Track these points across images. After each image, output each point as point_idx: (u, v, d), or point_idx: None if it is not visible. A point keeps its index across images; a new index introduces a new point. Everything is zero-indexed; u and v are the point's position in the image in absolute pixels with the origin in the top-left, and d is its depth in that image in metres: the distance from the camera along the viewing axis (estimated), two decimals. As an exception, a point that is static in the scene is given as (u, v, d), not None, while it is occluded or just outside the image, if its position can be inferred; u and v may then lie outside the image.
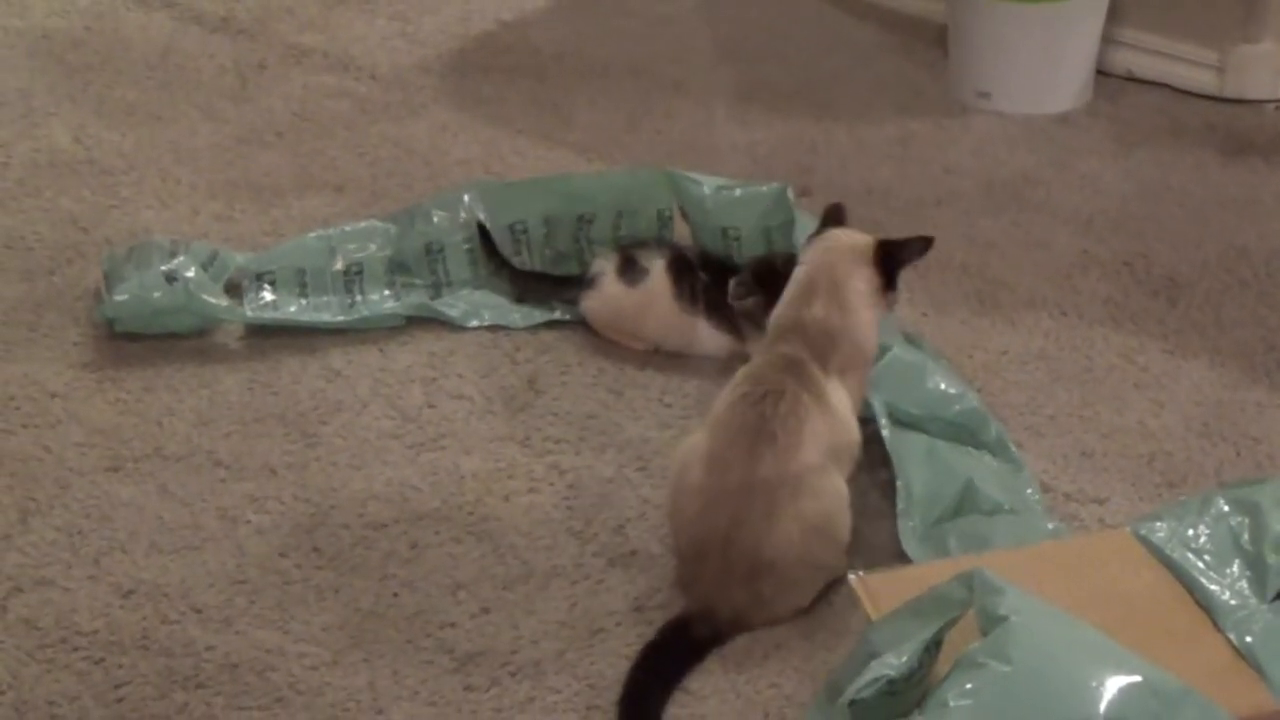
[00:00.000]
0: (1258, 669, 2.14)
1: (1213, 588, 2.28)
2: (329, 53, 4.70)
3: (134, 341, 3.45)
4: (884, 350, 3.06)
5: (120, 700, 2.64)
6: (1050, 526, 2.86)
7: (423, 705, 2.63)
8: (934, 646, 2.05)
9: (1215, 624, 2.24)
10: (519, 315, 3.57)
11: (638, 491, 3.07)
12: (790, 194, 3.46)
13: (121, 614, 2.80)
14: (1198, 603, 2.28)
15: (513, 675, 2.69)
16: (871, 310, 2.92)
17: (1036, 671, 1.92)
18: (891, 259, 2.94)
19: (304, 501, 3.04)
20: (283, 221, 3.87)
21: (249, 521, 3.00)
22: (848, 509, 2.77)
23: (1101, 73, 4.56)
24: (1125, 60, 4.59)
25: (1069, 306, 3.65)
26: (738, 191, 3.52)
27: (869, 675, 2.01)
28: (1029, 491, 3.01)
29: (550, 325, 3.53)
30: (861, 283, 2.91)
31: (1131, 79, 4.59)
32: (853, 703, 2.01)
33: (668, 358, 3.42)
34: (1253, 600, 2.25)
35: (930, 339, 3.39)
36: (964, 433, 3.08)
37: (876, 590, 2.41)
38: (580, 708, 2.63)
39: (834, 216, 3.05)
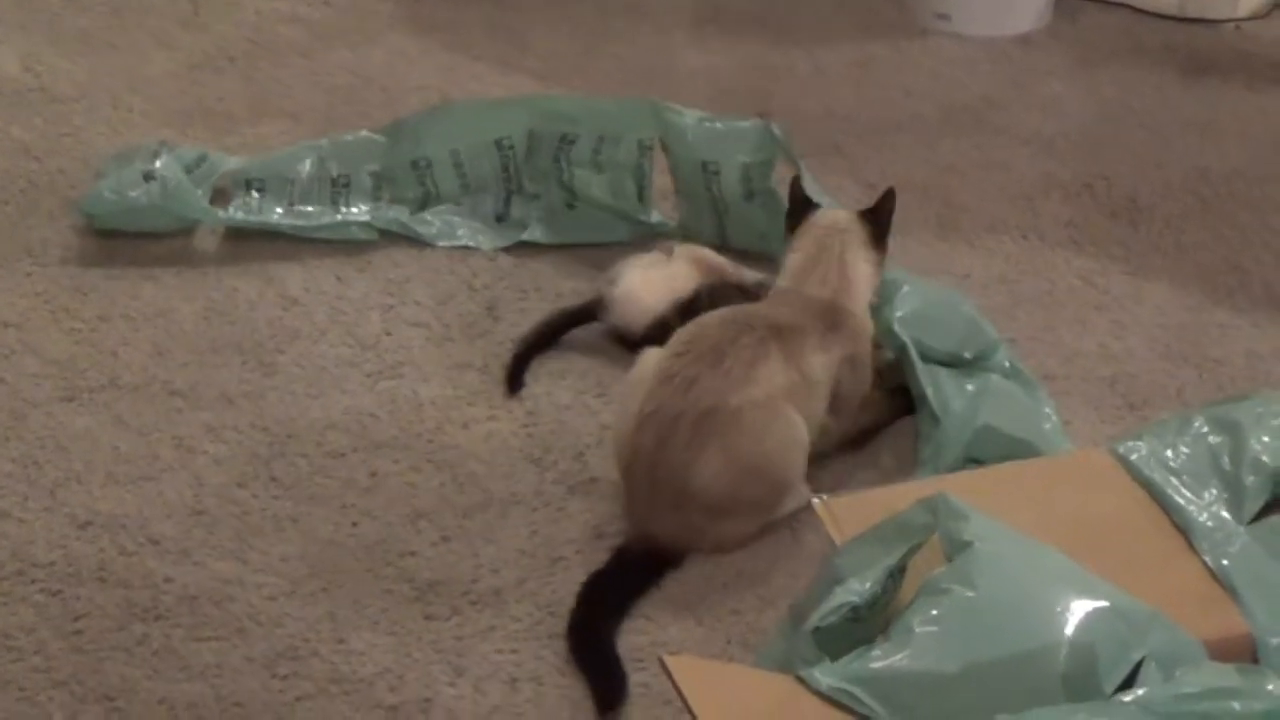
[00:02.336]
0: (1231, 591, 2.14)
1: (1190, 509, 2.27)
2: (282, -23, 4.66)
3: (88, 270, 3.42)
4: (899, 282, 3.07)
5: (78, 632, 2.62)
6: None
7: (383, 634, 2.62)
8: (898, 573, 2.04)
9: (1191, 546, 2.23)
10: (492, 236, 3.56)
11: (597, 418, 3.05)
12: (775, 130, 3.43)
13: (78, 545, 2.77)
14: (1174, 524, 2.27)
15: (473, 604, 2.67)
16: (871, 289, 2.95)
17: (1001, 597, 1.92)
18: (880, 227, 2.95)
19: (261, 431, 3.02)
20: (237, 149, 3.82)
21: (206, 451, 2.97)
22: (796, 455, 2.75)
23: (1062, -7, 4.55)
24: (1086, -20, 4.58)
25: (1030, 229, 3.63)
26: (719, 125, 3.49)
27: (833, 602, 2.00)
28: (1048, 411, 2.99)
29: (509, 250, 3.50)
30: (866, 264, 2.93)
31: None
32: (816, 629, 2.00)
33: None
34: (1230, 522, 2.24)
35: (892, 263, 3.36)
36: (980, 360, 3.08)
37: (841, 514, 2.39)
38: (541, 635, 2.61)
39: (798, 194, 3.03)
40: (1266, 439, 2.34)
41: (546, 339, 3.26)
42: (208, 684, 2.53)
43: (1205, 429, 2.39)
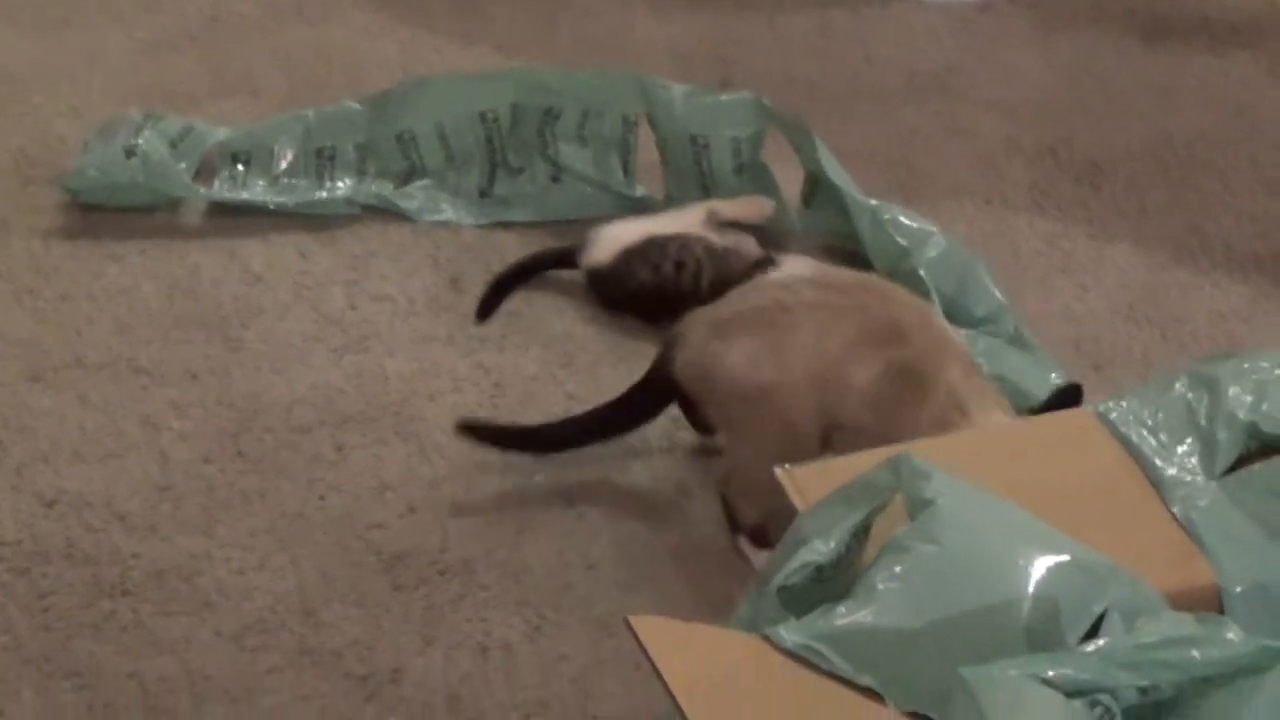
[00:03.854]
0: (1199, 543, 2.14)
1: (1161, 464, 2.27)
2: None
3: (50, 250, 3.41)
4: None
5: (46, 610, 2.62)
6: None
7: (352, 606, 2.62)
8: (862, 532, 2.03)
9: (1163, 499, 2.23)
10: (475, 212, 3.56)
11: (563, 388, 3.05)
12: (766, 103, 3.43)
13: (44, 523, 2.77)
14: (1149, 479, 2.27)
15: (441, 574, 2.68)
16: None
17: (964, 553, 1.92)
18: None
19: (227, 406, 3.02)
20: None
21: (172, 428, 2.97)
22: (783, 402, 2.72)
23: (1022, -41, 4.54)
24: (1045, -54, 4.57)
25: (993, 194, 3.64)
26: (708, 99, 3.48)
27: (796, 562, 2.00)
28: (1053, 377, 2.98)
29: (472, 226, 3.50)
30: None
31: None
32: (781, 589, 2.00)
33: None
34: (1201, 477, 2.25)
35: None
36: (985, 320, 3.11)
37: (804, 483, 2.39)
38: (510, 603, 2.62)
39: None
40: (1241, 393, 2.34)
41: (524, 275, 3.30)
42: (177, 658, 2.54)
43: (1184, 386, 2.39)
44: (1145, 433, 2.33)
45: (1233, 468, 2.29)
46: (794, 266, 3.18)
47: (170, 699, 2.48)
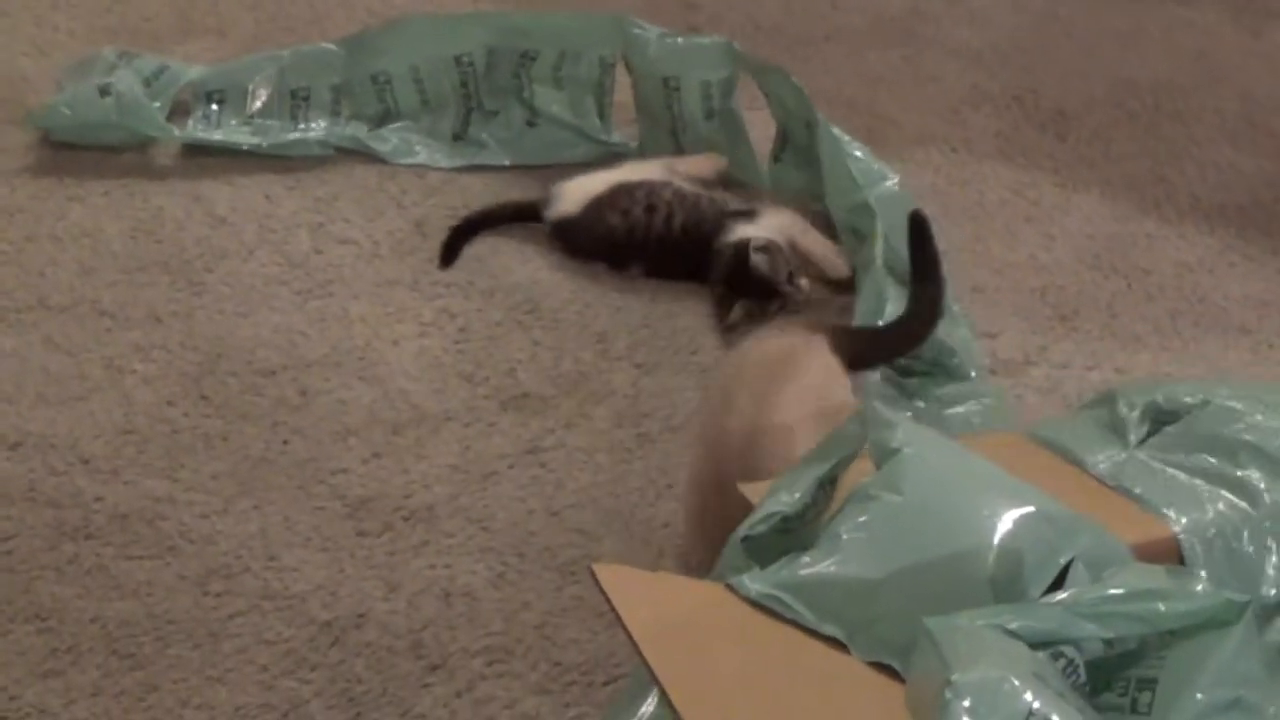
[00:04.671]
0: (1148, 506, 2.15)
1: (1084, 453, 2.28)
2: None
3: (14, 191, 3.40)
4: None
5: (9, 553, 2.61)
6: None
7: (315, 551, 2.62)
8: (828, 483, 2.04)
9: (1097, 477, 2.24)
10: (450, 155, 3.56)
11: (528, 334, 3.05)
12: (737, 47, 3.41)
13: (7, 466, 2.76)
14: (1083, 468, 2.28)
15: (405, 520, 2.67)
16: None
17: (929, 503, 1.92)
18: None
19: (191, 350, 3.01)
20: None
21: (135, 371, 2.96)
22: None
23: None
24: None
25: (959, 142, 3.64)
26: (680, 41, 3.47)
27: (762, 512, 2.00)
28: (974, 353, 3.00)
29: (438, 168, 3.49)
30: None
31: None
32: (746, 539, 2.00)
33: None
34: (1124, 450, 2.27)
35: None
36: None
37: None
38: (474, 550, 2.62)
39: None
40: (1135, 395, 2.38)
41: (485, 224, 3.31)
42: (140, 602, 2.53)
43: (1088, 407, 2.44)
44: (1067, 437, 2.34)
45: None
46: (774, 218, 3.20)
47: (133, 642, 2.47)
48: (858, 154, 3.18)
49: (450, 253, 3.23)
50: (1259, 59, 4.01)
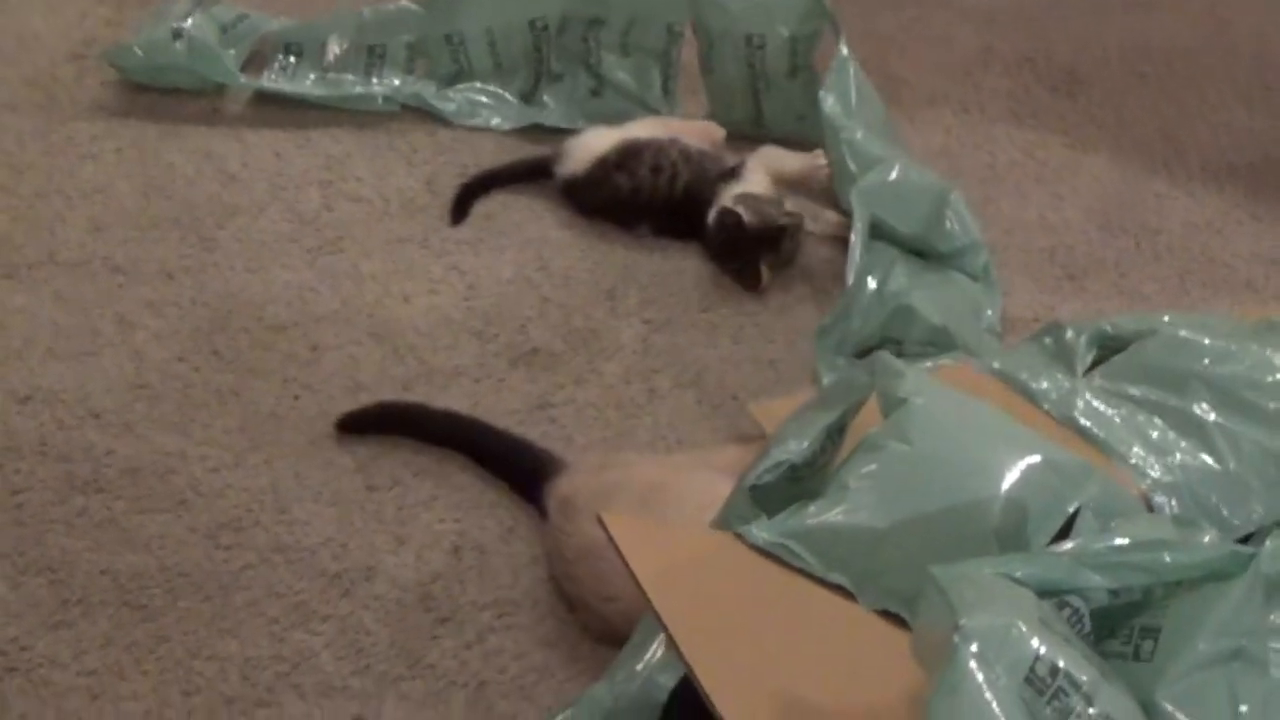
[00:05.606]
0: (1108, 450, 2.16)
1: (1034, 383, 2.29)
2: None
3: (25, 147, 3.40)
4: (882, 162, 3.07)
5: (19, 506, 2.62)
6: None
7: (325, 505, 2.63)
8: (837, 432, 2.04)
9: (1049, 413, 2.25)
10: (512, 118, 3.56)
11: (538, 291, 3.05)
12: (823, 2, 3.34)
13: (18, 420, 2.77)
14: (1032, 400, 2.29)
15: (415, 475, 2.68)
16: None
17: (937, 452, 1.92)
18: None
19: (202, 305, 3.01)
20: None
21: (147, 326, 2.96)
22: None
23: None
24: None
25: (970, 103, 3.64)
26: None
27: (770, 460, 2.01)
28: (989, 314, 2.99)
29: (449, 126, 3.50)
30: None
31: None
32: (754, 487, 2.01)
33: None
34: (1070, 379, 2.27)
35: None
36: (950, 257, 3.07)
37: (777, 416, 2.40)
38: (484, 505, 2.63)
39: None
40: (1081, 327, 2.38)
41: (496, 182, 3.32)
42: (151, 555, 2.54)
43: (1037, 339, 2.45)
44: (1015, 366, 2.34)
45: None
46: (752, 163, 3.22)
47: (144, 594, 2.48)
48: (856, 138, 3.13)
49: (460, 210, 3.23)
50: (1272, 21, 4.00)
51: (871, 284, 2.91)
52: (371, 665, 2.39)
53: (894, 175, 3.07)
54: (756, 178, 3.19)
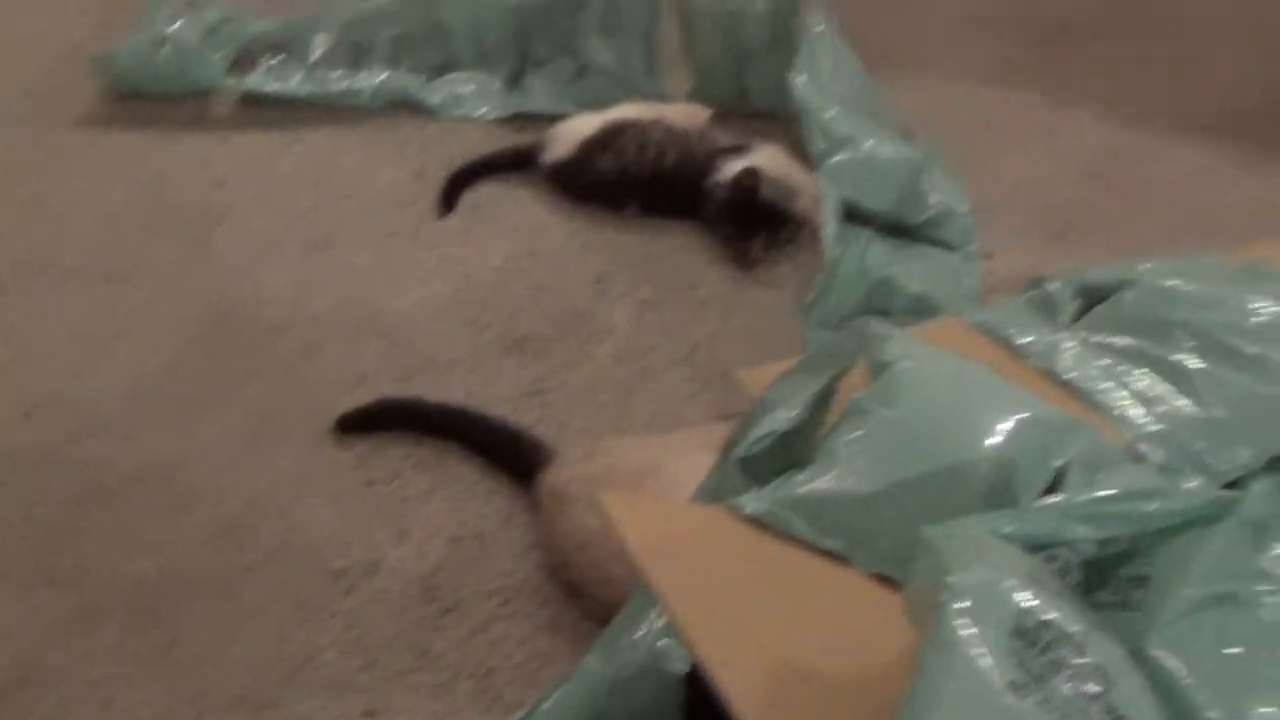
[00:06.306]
0: (1091, 403, 2.16)
1: (1020, 336, 2.30)
2: None
3: (20, 153, 3.40)
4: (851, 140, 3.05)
5: (26, 518, 2.62)
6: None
7: (327, 502, 2.63)
8: (825, 398, 2.04)
9: (1036, 369, 2.25)
10: (498, 106, 3.58)
11: (529, 277, 3.06)
12: None
13: (22, 434, 2.78)
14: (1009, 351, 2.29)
15: (414, 468, 2.69)
16: None
17: (923, 414, 1.92)
18: None
19: (198, 308, 3.02)
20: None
21: (143, 331, 2.98)
22: None
23: None
24: None
25: (958, 63, 3.64)
26: None
27: (759, 430, 2.01)
28: (966, 280, 2.99)
29: (435, 118, 3.50)
30: None
31: None
32: (744, 459, 2.01)
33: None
34: (1053, 334, 2.28)
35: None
36: (925, 227, 3.07)
37: (765, 383, 2.40)
38: (483, 494, 2.63)
39: None
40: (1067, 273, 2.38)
41: (483, 172, 3.33)
42: (156, 560, 2.55)
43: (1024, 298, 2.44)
44: (1000, 320, 2.34)
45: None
46: (762, 151, 3.20)
47: (152, 598, 2.49)
48: (823, 118, 3.11)
49: (449, 201, 3.24)
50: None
51: (850, 261, 2.91)
52: (379, 659, 2.39)
53: (863, 153, 3.05)
54: (768, 162, 3.19)
